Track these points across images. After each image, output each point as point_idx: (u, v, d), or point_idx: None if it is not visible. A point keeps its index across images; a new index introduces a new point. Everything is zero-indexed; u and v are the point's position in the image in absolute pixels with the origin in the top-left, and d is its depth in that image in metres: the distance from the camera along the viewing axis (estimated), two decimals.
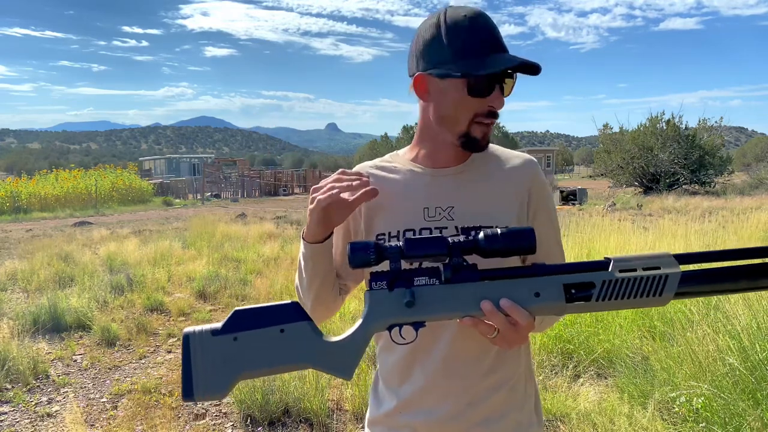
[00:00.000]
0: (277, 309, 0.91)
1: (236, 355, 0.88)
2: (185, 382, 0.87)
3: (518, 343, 0.96)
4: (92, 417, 3.70)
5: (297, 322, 0.90)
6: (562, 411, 3.34)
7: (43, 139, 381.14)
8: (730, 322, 3.40)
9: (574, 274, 0.90)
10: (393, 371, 1.20)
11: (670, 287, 0.87)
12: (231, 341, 0.88)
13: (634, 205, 16.71)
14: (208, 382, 0.87)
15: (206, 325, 0.90)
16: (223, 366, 0.88)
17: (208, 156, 59.73)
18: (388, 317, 0.92)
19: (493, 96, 1.08)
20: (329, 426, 3.42)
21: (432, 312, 0.91)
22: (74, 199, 23.92)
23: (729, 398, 2.91)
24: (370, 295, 0.93)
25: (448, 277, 0.91)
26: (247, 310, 0.91)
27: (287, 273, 7.61)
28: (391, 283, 0.92)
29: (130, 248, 9.57)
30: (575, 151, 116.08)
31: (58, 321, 5.51)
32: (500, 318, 0.90)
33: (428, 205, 1.15)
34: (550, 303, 0.90)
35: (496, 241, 0.90)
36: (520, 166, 1.20)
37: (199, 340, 0.89)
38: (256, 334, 0.89)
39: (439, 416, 1.15)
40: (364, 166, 1.26)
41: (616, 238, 6.66)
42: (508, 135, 48.95)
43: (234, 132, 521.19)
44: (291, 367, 0.92)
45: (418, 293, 0.90)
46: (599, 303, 0.89)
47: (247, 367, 0.88)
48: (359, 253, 0.91)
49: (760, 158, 44.77)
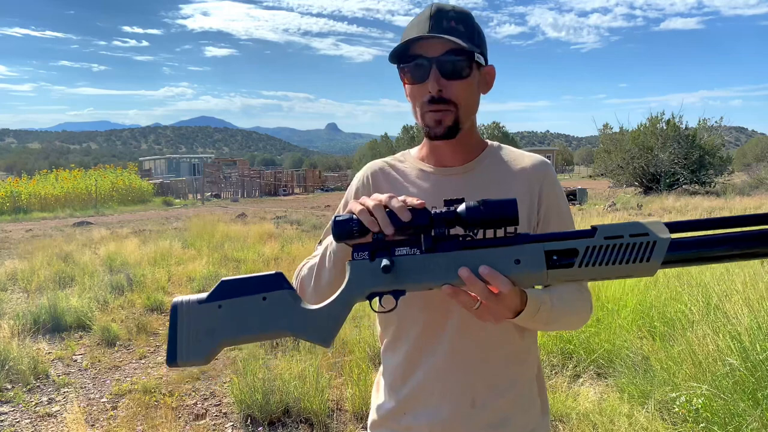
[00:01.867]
0: (262, 279, 0.93)
1: (219, 322, 0.90)
2: (170, 349, 0.90)
3: (504, 315, 0.94)
4: (92, 417, 3.70)
5: (278, 290, 0.92)
6: (562, 411, 3.34)
7: (43, 139, 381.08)
8: (730, 322, 3.40)
9: (556, 241, 0.89)
10: (395, 371, 1.20)
11: (658, 253, 0.84)
12: (215, 309, 0.91)
13: (634, 205, 16.70)
14: (191, 349, 0.90)
15: (194, 295, 0.93)
16: (207, 333, 0.90)
17: (208, 156, 59.73)
18: (368, 286, 0.92)
19: (430, 80, 1.08)
20: (329, 426, 3.42)
21: (411, 280, 0.91)
22: (74, 199, 23.90)
23: (729, 398, 2.91)
24: (351, 264, 0.93)
25: (429, 246, 0.91)
26: (233, 280, 0.93)
27: (287, 273, 7.55)
28: (373, 253, 0.92)
29: (130, 248, 9.57)
30: (575, 151, 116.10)
31: (58, 321, 5.51)
32: (480, 286, 0.88)
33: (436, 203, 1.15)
34: (531, 270, 0.88)
35: (478, 211, 0.88)
36: (531, 167, 1.19)
37: (186, 308, 0.91)
38: (239, 302, 0.91)
39: (443, 418, 1.14)
40: (376, 161, 1.29)
41: None
42: (508, 135, 48.94)
43: (234, 132, 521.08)
44: (272, 335, 0.93)
45: (398, 262, 0.90)
46: (582, 269, 0.86)
47: (229, 334, 0.90)
48: (343, 225, 0.92)
49: (760, 158, 44.76)
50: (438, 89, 1.08)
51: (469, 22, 1.10)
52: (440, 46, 1.07)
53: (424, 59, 1.08)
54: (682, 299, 4.19)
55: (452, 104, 1.10)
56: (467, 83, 1.10)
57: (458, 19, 1.08)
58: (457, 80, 1.09)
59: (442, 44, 1.07)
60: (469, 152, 1.19)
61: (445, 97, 1.09)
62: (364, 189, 1.25)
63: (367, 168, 1.29)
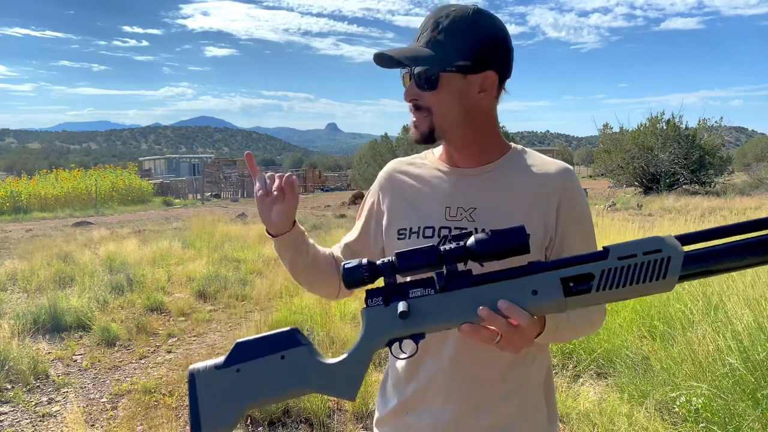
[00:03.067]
0: (277, 337, 0.91)
1: (240, 386, 0.89)
2: (193, 418, 0.88)
3: (524, 345, 0.93)
4: (92, 417, 3.70)
5: (297, 347, 0.90)
6: (562, 411, 3.34)
7: (43, 139, 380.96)
8: (730, 322, 3.40)
9: (570, 267, 0.87)
10: (400, 371, 1.21)
11: (674, 269, 0.83)
12: (234, 373, 0.89)
13: (634, 205, 16.71)
14: (215, 416, 0.88)
15: (210, 361, 0.91)
16: (229, 399, 0.88)
17: (208, 156, 59.76)
18: (386, 333, 0.90)
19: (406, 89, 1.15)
20: (329, 426, 3.42)
21: (429, 322, 0.89)
22: (74, 199, 23.89)
23: (729, 398, 2.91)
24: (366, 312, 0.91)
25: (443, 285, 0.89)
26: (248, 341, 0.91)
27: (287, 273, 7.58)
28: (387, 298, 0.91)
29: (130, 248, 9.57)
30: (575, 151, 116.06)
31: (58, 321, 5.51)
32: (500, 321, 0.87)
33: (450, 204, 1.16)
34: (549, 299, 0.87)
35: (487, 244, 0.87)
36: (551, 174, 1.17)
37: (204, 376, 0.89)
38: (258, 364, 0.89)
39: (445, 420, 1.14)
40: (397, 160, 1.32)
41: (616, 239, 6.66)
42: (508, 135, 48.96)
43: (234, 132, 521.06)
44: (295, 393, 0.91)
45: (413, 305, 0.89)
46: (600, 294, 0.85)
47: (252, 398, 0.89)
48: (353, 272, 0.90)
49: (760, 158, 44.76)
50: (410, 98, 1.14)
51: (460, 30, 1.09)
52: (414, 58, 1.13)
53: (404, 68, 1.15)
54: (682, 299, 4.19)
55: (428, 111, 1.14)
56: (441, 93, 1.12)
57: (449, 29, 1.09)
58: (429, 90, 1.12)
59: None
60: (484, 155, 1.19)
61: (422, 105, 1.14)
62: (384, 190, 1.30)
63: (385, 169, 1.33)
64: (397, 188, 1.26)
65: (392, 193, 1.27)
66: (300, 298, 6.10)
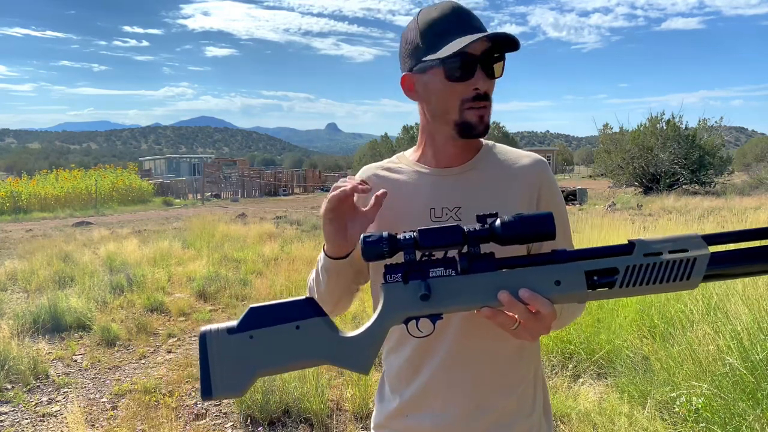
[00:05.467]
0: (292, 305, 0.90)
1: (253, 353, 0.88)
2: (204, 381, 0.87)
3: (541, 333, 0.92)
4: (92, 417, 3.70)
5: (312, 318, 0.89)
6: (562, 411, 3.34)
7: (43, 139, 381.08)
8: (730, 322, 3.39)
9: (596, 259, 0.86)
10: (399, 373, 1.20)
11: (699, 270, 0.83)
12: (247, 339, 0.88)
13: (634, 205, 16.70)
14: (226, 381, 0.87)
15: (222, 324, 0.90)
16: (241, 364, 0.87)
17: (208, 156, 59.75)
18: (404, 310, 0.89)
19: (476, 77, 1.07)
20: (329, 426, 3.42)
21: (449, 304, 0.88)
22: (74, 199, 23.90)
23: (729, 398, 2.91)
24: (385, 288, 0.90)
25: (465, 267, 0.88)
26: (262, 307, 0.90)
27: (287, 273, 7.60)
28: (406, 275, 0.89)
29: (130, 248, 9.57)
30: (575, 151, 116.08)
31: (58, 321, 5.51)
32: (520, 308, 0.86)
33: (434, 205, 1.15)
34: (572, 291, 0.86)
35: (514, 227, 0.86)
36: (528, 166, 1.19)
37: (216, 338, 0.88)
38: (272, 332, 0.88)
39: (448, 421, 1.13)
40: (370, 167, 1.27)
41: (616, 239, 6.66)
42: (508, 135, 48.97)
43: (234, 132, 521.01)
44: (308, 363, 0.91)
45: (434, 285, 0.88)
46: (623, 289, 0.85)
47: (265, 365, 0.88)
48: (373, 245, 0.88)
49: (760, 158, 44.75)
50: (487, 87, 1.09)
51: None
52: (483, 44, 1.07)
53: (472, 56, 1.06)
54: (682, 299, 4.19)
55: (490, 101, 1.11)
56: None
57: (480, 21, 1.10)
58: (494, 79, 1.10)
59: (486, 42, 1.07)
60: (468, 152, 1.19)
61: (488, 94, 1.10)
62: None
63: (361, 175, 1.26)
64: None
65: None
66: None
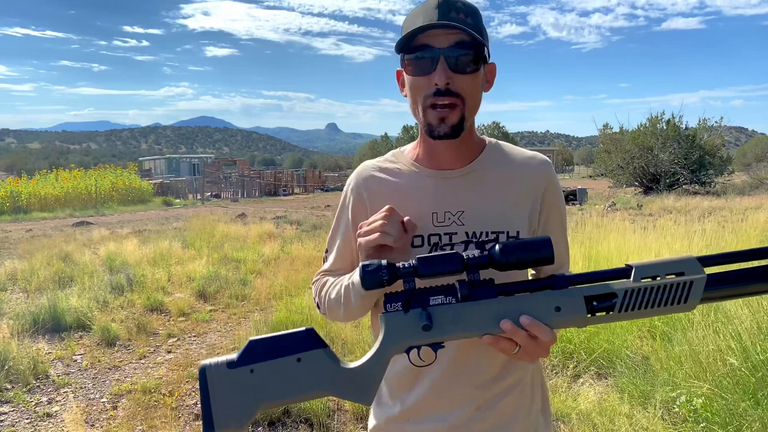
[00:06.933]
0: (293, 337, 0.89)
1: (254, 386, 0.87)
2: (205, 416, 0.87)
3: (541, 356, 0.93)
4: (92, 417, 3.70)
5: (313, 350, 0.89)
6: (562, 411, 3.34)
7: (43, 139, 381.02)
8: (731, 323, 3.39)
9: (594, 285, 0.87)
10: (400, 379, 1.18)
11: (696, 293, 0.84)
12: (248, 373, 0.87)
13: (634, 205, 16.69)
14: (228, 414, 0.87)
15: (222, 357, 0.89)
16: (242, 398, 0.87)
17: (208, 156, 59.74)
18: (405, 340, 0.89)
19: (437, 71, 1.02)
20: (329, 426, 3.42)
21: (450, 332, 0.88)
22: (74, 199, 23.89)
23: (729, 398, 2.91)
24: (385, 318, 0.90)
25: (465, 294, 0.88)
26: (261, 339, 0.89)
27: (287, 273, 7.60)
28: (406, 303, 0.89)
29: (130, 248, 9.56)
30: (575, 151, 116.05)
31: (58, 321, 5.50)
32: (521, 335, 0.87)
33: (437, 209, 1.11)
34: (572, 317, 0.87)
35: (513, 253, 0.86)
36: (533, 167, 1.16)
37: (216, 372, 0.88)
38: (273, 365, 0.87)
39: (450, 423, 1.13)
40: (367, 165, 1.23)
41: (616, 239, 6.66)
42: (508, 135, 48.98)
43: (234, 132, 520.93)
44: (310, 395, 0.90)
45: (434, 314, 0.88)
46: (622, 314, 0.86)
47: (267, 398, 0.87)
48: (372, 274, 0.88)
49: (760, 158, 44.72)
50: (446, 81, 1.01)
51: (477, 16, 1.05)
52: (448, 36, 1.01)
53: (432, 49, 1.02)
54: None
55: (459, 98, 1.04)
56: (474, 77, 1.05)
57: (466, 11, 1.03)
58: (464, 74, 1.03)
59: (450, 34, 1.01)
60: (468, 153, 1.15)
61: (453, 90, 1.03)
62: (360, 203, 1.19)
63: (358, 177, 1.21)
64: (376, 199, 1.16)
65: (372, 204, 1.16)
66: (300, 299, 6.11)
